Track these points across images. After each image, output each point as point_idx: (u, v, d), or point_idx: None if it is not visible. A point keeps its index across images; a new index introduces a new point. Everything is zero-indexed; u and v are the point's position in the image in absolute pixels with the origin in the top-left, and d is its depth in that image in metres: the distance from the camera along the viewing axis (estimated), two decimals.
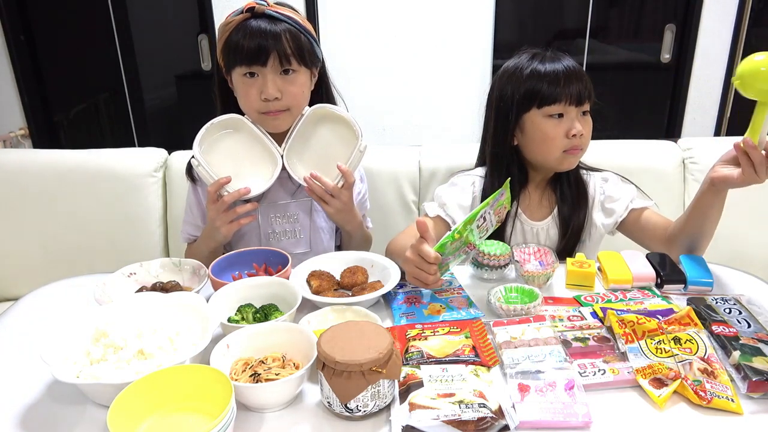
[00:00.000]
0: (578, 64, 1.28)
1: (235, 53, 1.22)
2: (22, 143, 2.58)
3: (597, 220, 1.36)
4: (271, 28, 1.21)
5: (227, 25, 1.24)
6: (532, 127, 1.28)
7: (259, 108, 1.26)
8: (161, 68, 2.69)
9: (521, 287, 1.07)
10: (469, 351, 0.89)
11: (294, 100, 1.27)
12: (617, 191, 1.35)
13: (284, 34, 1.22)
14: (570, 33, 2.62)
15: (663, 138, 1.85)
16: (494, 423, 0.74)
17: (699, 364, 0.83)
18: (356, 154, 1.25)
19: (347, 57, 2.50)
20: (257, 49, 1.20)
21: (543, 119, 1.26)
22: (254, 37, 1.20)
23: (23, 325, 1.08)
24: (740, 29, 2.50)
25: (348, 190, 1.27)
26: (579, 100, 1.24)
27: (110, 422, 0.69)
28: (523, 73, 1.27)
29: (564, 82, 1.23)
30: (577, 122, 1.25)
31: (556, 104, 1.24)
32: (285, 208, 1.37)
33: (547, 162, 1.31)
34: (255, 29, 1.21)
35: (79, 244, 1.76)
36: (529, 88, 1.26)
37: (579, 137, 1.25)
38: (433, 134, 2.62)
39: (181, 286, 1.13)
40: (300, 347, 0.86)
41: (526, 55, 1.30)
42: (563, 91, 1.23)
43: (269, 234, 1.37)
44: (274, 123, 1.29)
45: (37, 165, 1.77)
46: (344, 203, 1.27)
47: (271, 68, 1.22)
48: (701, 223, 1.18)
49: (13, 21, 2.47)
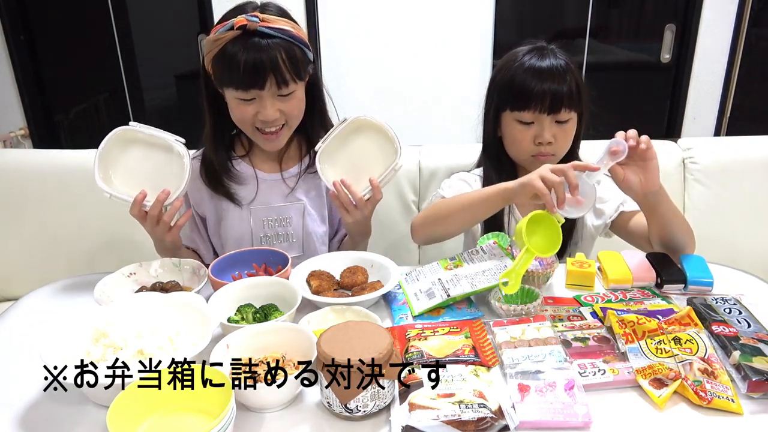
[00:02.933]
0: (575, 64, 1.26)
1: (230, 77, 1.17)
2: (22, 143, 2.58)
3: (588, 221, 1.36)
4: (266, 49, 1.14)
5: (216, 41, 1.16)
6: (505, 125, 1.30)
7: (254, 123, 1.24)
8: (161, 68, 2.69)
9: (521, 287, 1.07)
10: (469, 351, 0.89)
11: (292, 115, 1.26)
12: (607, 192, 1.33)
13: (279, 55, 1.15)
14: (570, 33, 2.62)
15: (663, 138, 1.85)
16: (494, 423, 0.74)
17: (699, 364, 0.83)
18: (390, 172, 1.23)
19: (347, 57, 2.50)
20: (254, 74, 1.15)
21: (514, 122, 1.27)
22: (248, 63, 1.14)
23: (23, 325, 1.08)
24: (740, 29, 2.50)
25: (372, 205, 1.25)
26: (552, 108, 1.22)
27: (110, 422, 0.69)
28: (511, 66, 1.27)
29: (537, 96, 1.21)
30: (546, 131, 1.23)
31: (526, 111, 1.24)
32: (278, 210, 1.36)
33: (519, 162, 1.32)
34: (250, 53, 1.14)
35: (79, 244, 1.76)
36: (505, 88, 1.27)
37: (547, 145, 1.24)
38: (433, 134, 2.61)
39: (180, 286, 1.13)
40: (300, 347, 0.86)
41: (527, 48, 1.28)
42: (534, 103, 1.22)
43: (261, 238, 1.36)
44: (273, 143, 1.28)
45: (37, 165, 1.77)
46: (365, 216, 1.26)
47: (268, 90, 1.19)
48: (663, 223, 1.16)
49: (13, 21, 2.47)
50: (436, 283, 1.09)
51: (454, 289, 1.05)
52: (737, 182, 1.75)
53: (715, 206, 1.75)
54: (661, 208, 1.13)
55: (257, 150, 1.37)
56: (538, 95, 1.22)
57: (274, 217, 1.36)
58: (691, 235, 1.18)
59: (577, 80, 1.25)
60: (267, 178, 1.36)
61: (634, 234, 1.29)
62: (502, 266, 1.09)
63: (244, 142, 1.38)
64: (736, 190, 1.75)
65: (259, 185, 1.35)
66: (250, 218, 1.35)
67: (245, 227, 1.35)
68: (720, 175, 1.75)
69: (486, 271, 1.09)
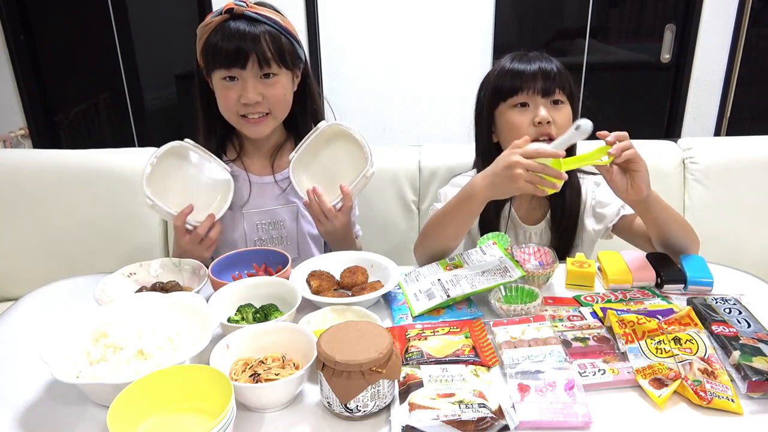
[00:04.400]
0: (559, 66, 1.28)
1: (215, 56, 1.20)
2: (22, 143, 2.58)
3: (588, 225, 1.36)
4: (251, 29, 1.18)
5: (206, 26, 1.21)
6: (501, 120, 1.30)
7: (238, 111, 1.24)
8: (161, 68, 2.69)
9: (521, 287, 1.07)
10: (469, 351, 0.89)
11: (275, 104, 1.25)
12: (608, 196, 1.33)
13: (263, 36, 1.19)
14: (570, 33, 2.62)
15: (663, 138, 1.85)
16: (494, 423, 0.74)
17: (699, 364, 0.83)
18: (361, 179, 1.24)
19: (347, 57, 2.50)
20: (236, 52, 1.18)
21: (509, 110, 1.28)
22: (233, 40, 1.17)
23: (23, 325, 1.08)
24: (740, 29, 2.50)
25: (345, 215, 1.25)
26: (545, 91, 1.24)
27: (110, 422, 0.69)
28: (494, 72, 1.31)
29: (528, 77, 1.24)
30: (542, 109, 1.24)
31: (519, 94, 1.25)
32: (271, 214, 1.36)
33: None
34: (234, 31, 1.18)
35: (79, 244, 1.76)
36: (495, 85, 1.29)
37: (546, 124, 1.24)
38: (433, 134, 2.61)
39: (181, 286, 1.13)
40: (300, 347, 0.86)
41: (510, 55, 1.32)
42: (525, 84, 1.24)
43: (255, 241, 1.36)
44: (256, 129, 1.27)
45: (37, 165, 1.77)
46: (336, 227, 1.25)
47: (250, 71, 1.20)
48: (658, 227, 1.16)
49: (13, 21, 2.47)
50: (436, 283, 1.09)
51: (453, 290, 1.05)
52: (737, 182, 1.75)
53: (715, 206, 1.75)
54: (652, 213, 1.13)
55: (249, 152, 1.37)
56: (529, 75, 1.24)
57: (267, 220, 1.36)
58: (693, 236, 1.18)
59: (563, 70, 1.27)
60: (259, 181, 1.35)
61: (637, 235, 1.30)
62: (501, 267, 1.09)
63: (235, 145, 1.37)
64: (736, 190, 1.75)
65: (252, 188, 1.34)
66: (244, 222, 1.34)
67: (239, 231, 1.34)
68: (720, 175, 1.75)
69: (486, 271, 1.09)
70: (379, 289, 1.05)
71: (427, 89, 2.56)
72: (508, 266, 1.09)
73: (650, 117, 2.75)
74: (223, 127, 1.33)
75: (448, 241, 1.21)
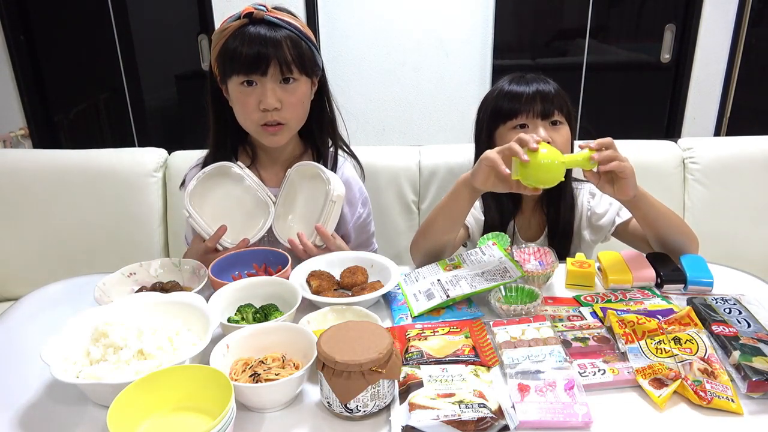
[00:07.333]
0: (557, 87, 1.31)
1: (233, 61, 1.17)
2: (22, 143, 2.58)
3: (585, 236, 1.39)
4: (271, 34, 1.15)
5: (223, 31, 1.18)
6: (501, 141, 1.31)
7: (258, 120, 1.21)
8: (161, 68, 2.69)
9: (521, 287, 1.07)
10: (469, 351, 0.89)
11: (293, 112, 1.23)
12: (602, 206, 1.36)
13: (285, 41, 1.16)
14: (570, 33, 2.62)
15: (663, 138, 1.85)
16: (494, 423, 0.74)
17: (699, 364, 0.83)
18: (329, 205, 1.22)
19: (347, 57, 2.50)
20: (256, 57, 1.15)
21: (509, 132, 1.30)
22: (253, 44, 1.14)
23: (23, 325, 1.08)
24: (740, 29, 2.50)
25: (331, 243, 1.23)
26: (544, 113, 1.27)
27: (110, 422, 0.69)
28: (493, 94, 1.35)
29: (526, 101, 1.27)
30: (542, 130, 1.26)
31: (518, 117, 1.29)
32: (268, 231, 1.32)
33: None
34: (254, 36, 1.15)
35: (79, 244, 1.76)
36: (495, 107, 1.32)
37: None
38: (433, 134, 2.62)
39: (181, 286, 1.13)
40: (300, 347, 0.86)
41: (508, 78, 1.34)
42: (524, 107, 1.28)
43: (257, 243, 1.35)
44: (274, 138, 1.25)
45: (37, 165, 1.77)
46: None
47: (271, 77, 1.17)
48: (648, 223, 1.18)
49: (13, 21, 2.47)
50: (436, 284, 1.09)
51: (453, 290, 1.05)
52: (737, 182, 1.75)
53: (715, 206, 1.76)
54: (641, 210, 1.16)
55: (264, 162, 1.35)
56: (528, 97, 1.28)
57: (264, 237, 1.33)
58: (690, 235, 1.19)
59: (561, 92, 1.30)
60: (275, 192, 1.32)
61: (635, 238, 1.31)
62: (501, 267, 1.09)
63: (248, 152, 1.35)
64: (736, 190, 1.76)
65: None
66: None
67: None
68: (720, 175, 1.75)
69: (485, 272, 1.09)
70: (379, 289, 1.05)
71: (428, 89, 2.56)
72: (508, 267, 1.09)
73: (650, 117, 2.75)
74: (235, 135, 1.32)
75: (439, 234, 1.21)
